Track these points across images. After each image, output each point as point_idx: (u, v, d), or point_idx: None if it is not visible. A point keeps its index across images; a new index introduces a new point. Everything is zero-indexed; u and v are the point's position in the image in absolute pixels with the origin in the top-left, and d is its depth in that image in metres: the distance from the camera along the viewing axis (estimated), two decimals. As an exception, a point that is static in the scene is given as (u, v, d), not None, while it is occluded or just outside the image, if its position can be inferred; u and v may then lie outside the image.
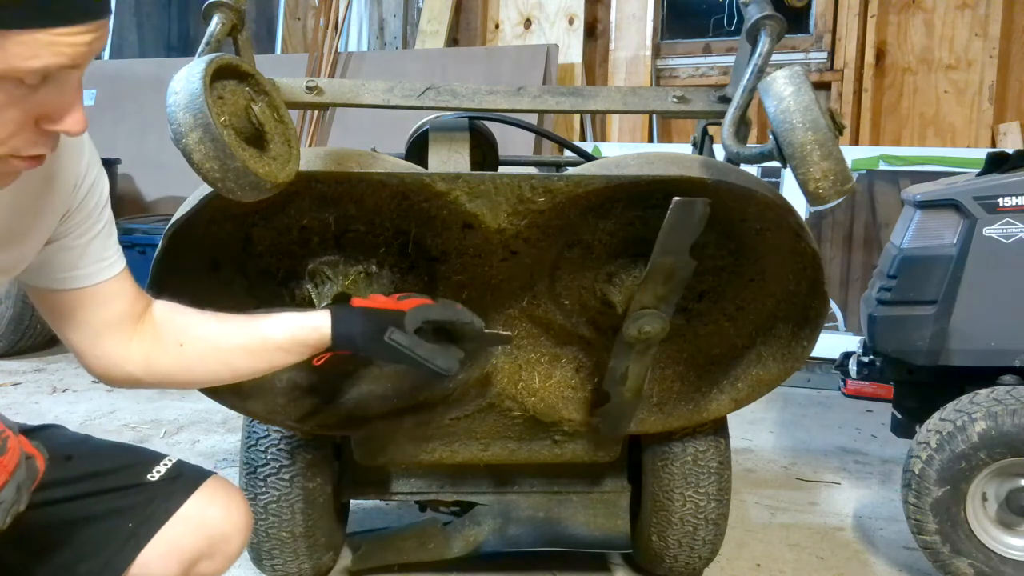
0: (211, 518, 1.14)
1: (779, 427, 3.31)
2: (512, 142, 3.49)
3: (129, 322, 1.14)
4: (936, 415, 1.90)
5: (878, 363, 2.14)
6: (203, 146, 1.00)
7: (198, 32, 3.04)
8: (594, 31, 4.74)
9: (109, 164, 4.46)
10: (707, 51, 4.59)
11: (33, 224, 1.02)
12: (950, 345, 1.93)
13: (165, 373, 1.16)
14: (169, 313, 1.19)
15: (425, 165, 1.49)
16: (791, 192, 3.15)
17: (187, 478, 1.16)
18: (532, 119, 3.38)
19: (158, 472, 1.15)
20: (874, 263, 2.33)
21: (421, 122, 1.66)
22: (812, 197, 1.13)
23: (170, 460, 1.17)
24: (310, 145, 4.44)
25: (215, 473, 1.19)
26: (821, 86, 4.24)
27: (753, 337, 1.63)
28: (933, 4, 4.18)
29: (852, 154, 3.87)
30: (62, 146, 1.03)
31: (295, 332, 1.19)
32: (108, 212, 1.11)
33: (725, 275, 1.54)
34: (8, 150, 0.84)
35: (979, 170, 2.08)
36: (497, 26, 4.86)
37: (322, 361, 1.23)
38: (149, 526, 1.10)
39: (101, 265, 1.10)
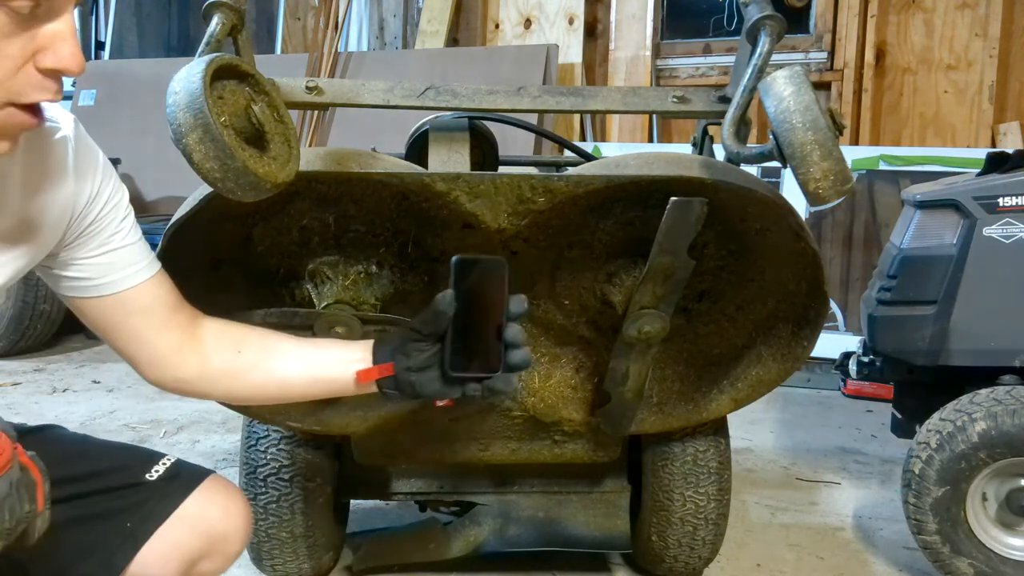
0: (210, 518, 1.14)
1: (779, 427, 3.31)
2: (512, 142, 3.50)
3: (176, 327, 1.13)
4: (936, 415, 1.90)
5: (878, 363, 2.14)
6: (203, 146, 1.00)
7: (198, 32, 3.04)
8: (594, 31, 4.74)
9: (109, 164, 4.47)
10: (707, 51, 4.59)
11: (36, 233, 1.02)
12: (950, 345, 1.93)
13: (218, 378, 1.15)
14: (228, 324, 1.19)
15: (425, 165, 1.49)
16: (791, 192, 3.15)
17: (186, 477, 1.15)
18: (532, 119, 3.38)
19: (156, 471, 1.14)
20: (874, 263, 2.33)
21: (421, 122, 1.66)
22: (812, 197, 1.13)
23: (169, 459, 1.17)
24: (310, 145, 4.44)
25: (214, 472, 1.19)
26: (821, 86, 4.24)
27: (753, 337, 1.63)
28: (933, 4, 4.18)
29: (852, 154, 3.87)
30: (76, 160, 1.03)
31: (342, 352, 1.17)
32: (131, 221, 1.11)
33: (725, 275, 1.54)
34: (7, 95, 0.83)
35: (979, 170, 2.08)
36: (497, 26, 4.86)
37: (369, 379, 1.14)
38: (147, 526, 1.10)
39: (131, 270, 1.09)
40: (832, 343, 3.40)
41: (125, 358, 1.14)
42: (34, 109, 0.87)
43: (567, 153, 2.08)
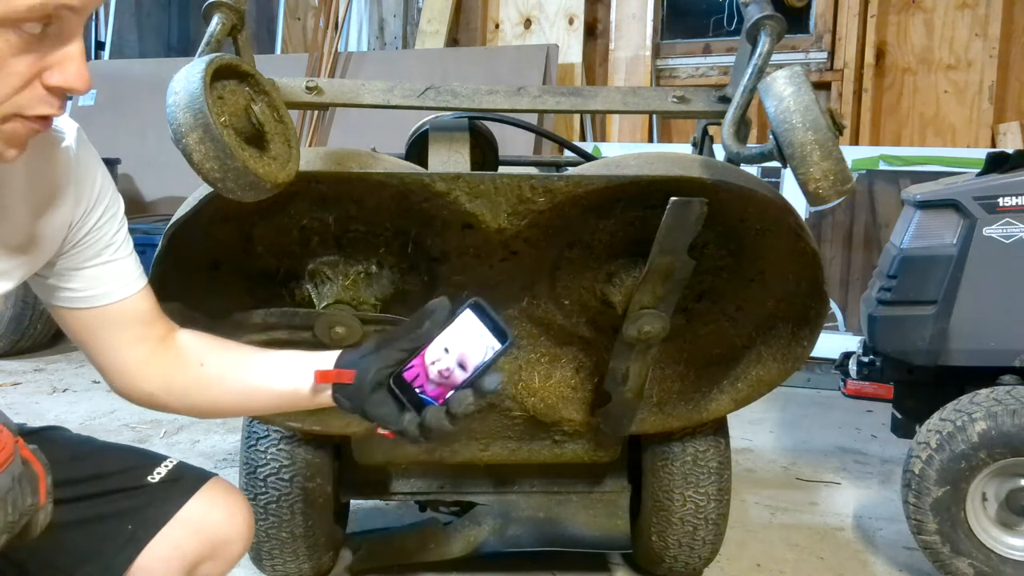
0: (212, 521, 1.13)
1: (779, 427, 3.31)
2: (512, 142, 3.49)
3: (151, 341, 1.12)
4: (936, 415, 1.90)
5: (878, 363, 2.14)
6: (203, 146, 1.00)
7: (198, 32, 3.04)
8: (594, 31, 4.74)
9: (109, 164, 4.45)
10: (707, 51, 4.59)
11: (38, 242, 1.02)
12: (950, 345, 1.93)
13: (182, 392, 1.13)
14: (195, 337, 1.17)
15: (425, 165, 1.49)
16: (791, 192, 3.15)
17: (188, 480, 1.15)
18: (532, 119, 3.38)
19: (159, 474, 1.14)
20: (874, 263, 2.33)
21: (421, 122, 1.66)
22: (812, 197, 1.13)
23: (171, 462, 1.17)
24: (310, 145, 4.45)
25: (216, 475, 1.18)
26: (821, 86, 4.24)
27: (753, 337, 1.63)
28: (933, 4, 4.18)
29: (852, 154, 3.87)
30: (78, 169, 1.03)
31: (305, 358, 1.12)
32: (124, 233, 1.11)
33: (725, 275, 1.54)
34: (13, 108, 0.83)
35: (979, 170, 2.08)
36: (497, 26, 4.86)
37: (326, 381, 1.07)
38: (148, 529, 1.10)
39: (120, 283, 1.09)
40: (832, 343, 3.40)
41: (96, 368, 1.13)
42: (40, 118, 0.86)
43: (567, 153, 2.08)
